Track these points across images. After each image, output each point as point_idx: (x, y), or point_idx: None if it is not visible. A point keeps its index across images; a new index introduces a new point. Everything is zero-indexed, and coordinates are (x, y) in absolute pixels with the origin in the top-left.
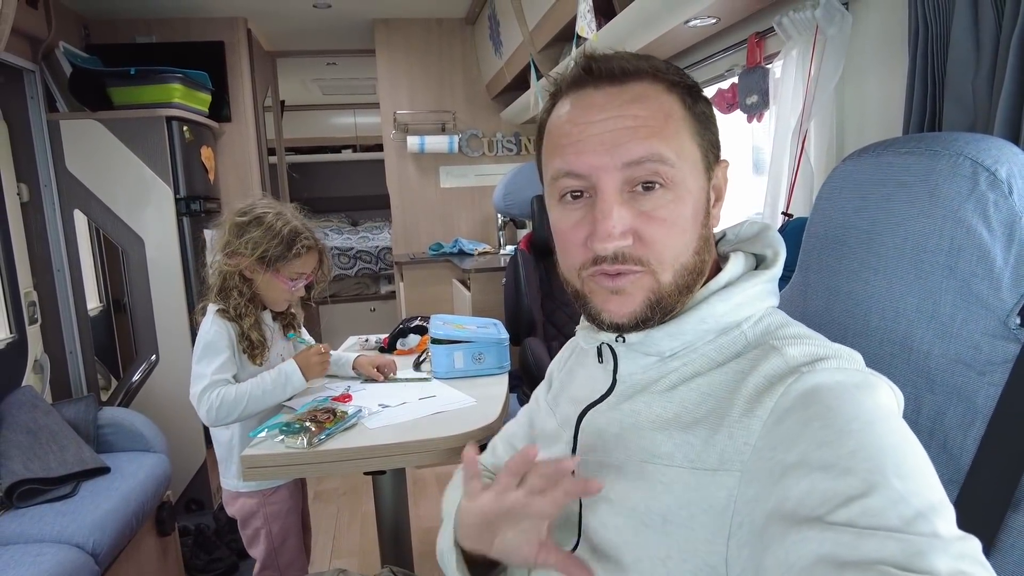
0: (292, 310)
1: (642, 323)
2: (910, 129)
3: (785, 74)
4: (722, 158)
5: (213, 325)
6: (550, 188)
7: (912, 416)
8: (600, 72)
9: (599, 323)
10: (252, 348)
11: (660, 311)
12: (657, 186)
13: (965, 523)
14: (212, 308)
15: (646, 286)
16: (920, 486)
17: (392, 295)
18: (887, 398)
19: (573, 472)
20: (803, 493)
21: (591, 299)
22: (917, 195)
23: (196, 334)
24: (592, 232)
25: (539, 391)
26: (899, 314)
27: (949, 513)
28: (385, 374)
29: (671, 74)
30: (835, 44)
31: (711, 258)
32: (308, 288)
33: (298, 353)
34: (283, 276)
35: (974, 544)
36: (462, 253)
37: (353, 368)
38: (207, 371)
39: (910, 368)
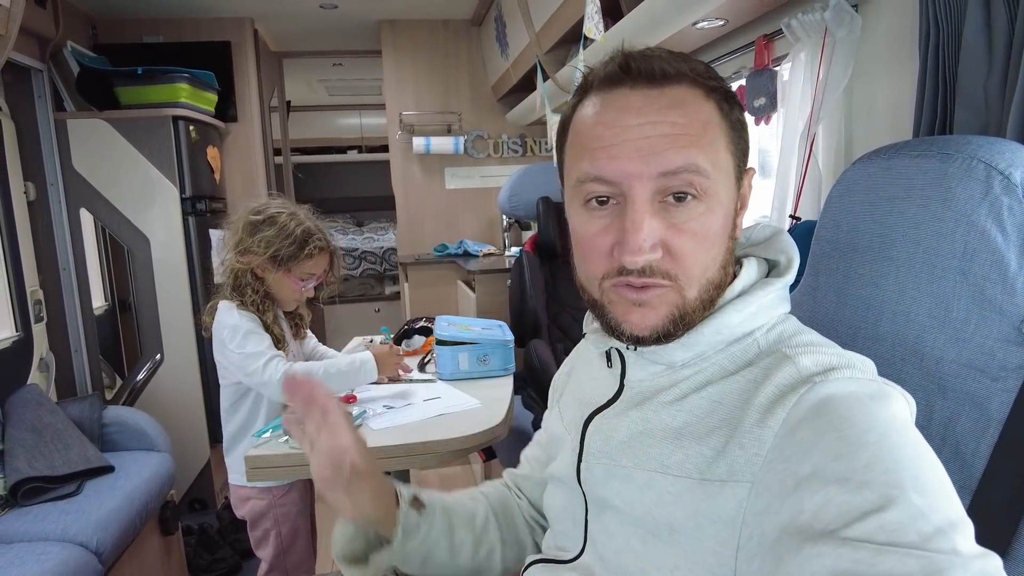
0: (300, 311)
1: (664, 337)
2: (920, 132)
3: (793, 76)
4: (749, 165)
5: (239, 315)
6: (573, 191)
7: (923, 422)
8: (639, 72)
9: (618, 334)
10: (276, 343)
11: (683, 326)
12: (689, 197)
13: (978, 531)
14: (228, 305)
15: (671, 301)
16: (939, 501)
17: (397, 296)
18: (901, 408)
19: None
20: (817, 506)
21: (610, 309)
22: (929, 199)
23: (200, 334)
24: (620, 243)
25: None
26: (910, 318)
27: (968, 529)
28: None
29: (709, 78)
30: (844, 46)
31: (732, 269)
32: (317, 289)
33: (377, 348)
34: (294, 276)
35: (995, 562)
36: (467, 254)
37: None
38: (260, 348)
39: (921, 373)
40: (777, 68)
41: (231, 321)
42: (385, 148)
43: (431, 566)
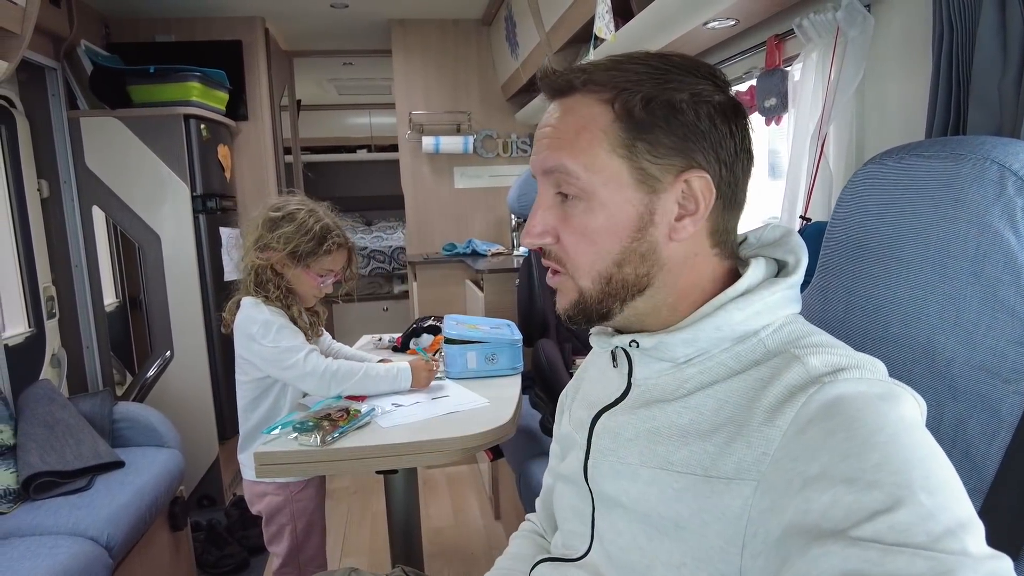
0: (316, 307)
1: (573, 321)
2: (933, 133)
3: (804, 77)
4: (700, 171)
5: (267, 309)
6: None
7: (934, 424)
8: (545, 87)
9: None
10: (303, 335)
11: (585, 314)
12: (570, 196)
13: (990, 534)
14: (253, 301)
15: (570, 288)
16: (949, 501)
17: (405, 295)
18: (911, 409)
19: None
20: (825, 506)
21: None
22: (941, 199)
23: (210, 331)
24: None
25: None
26: (921, 320)
27: (979, 530)
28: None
29: (614, 84)
30: (856, 46)
31: (665, 272)
32: (335, 285)
33: (414, 361)
34: (312, 272)
35: (1006, 563)
36: (475, 254)
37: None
38: (297, 342)
39: (932, 375)
40: (788, 68)
41: (261, 317)
42: (394, 147)
43: None
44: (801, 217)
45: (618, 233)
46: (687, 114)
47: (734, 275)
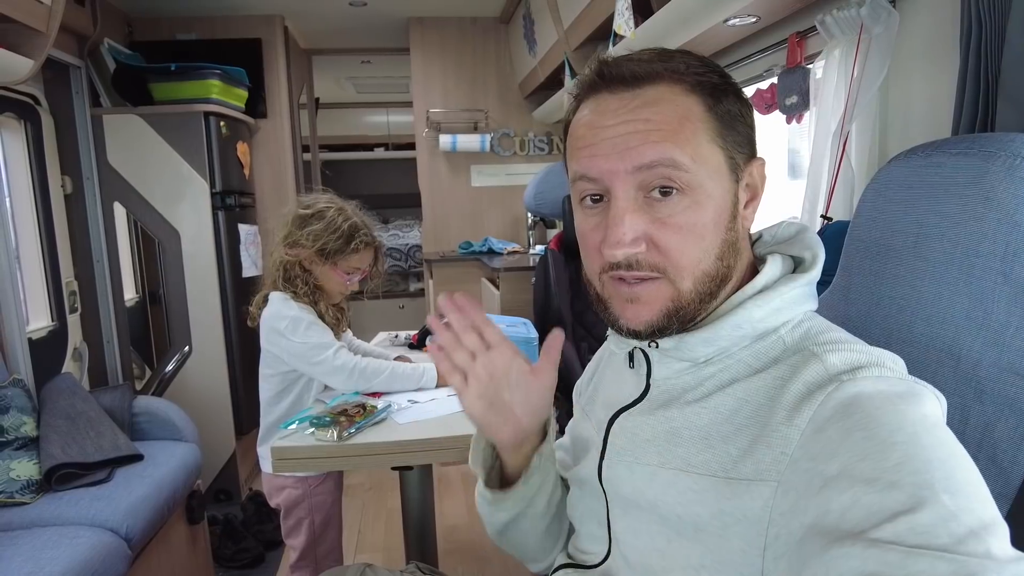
0: (342, 304)
1: (659, 331)
2: (960, 130)
3: (827, 74)
4: (758, 155)
5: (296, 305)
6: (572, 191)
7: (959, 427)
8: (612, 77)
9: (618, 329)
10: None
11: (679, 319)
12: (674, 191)
13: (1017, 539)
14: (282, 296)
15: (664, 294)
16: (971, 502)
17: (421, 292)
18: (932, 408)
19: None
20: (845, 507)
21: (610, 304)
22: (970, 198)
23: (228, 326)
24: (604, 238)
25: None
26: (947, 320)
27: (1003, 531)
28: None
29: (692, 73)
30: (881, 43)
31: (741, 262)
32: (361, 283)
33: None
34: (340, 270)
35: None
36: (491, 252)
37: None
38: (326, 339)
39: (958, 377)
40: (810, 66)
41: (290, 312)
42: (412, 146)
43: (544, 512)
44: (822, 216)
45: (719, 225)
46: (745, 104)
47: (753, 270)
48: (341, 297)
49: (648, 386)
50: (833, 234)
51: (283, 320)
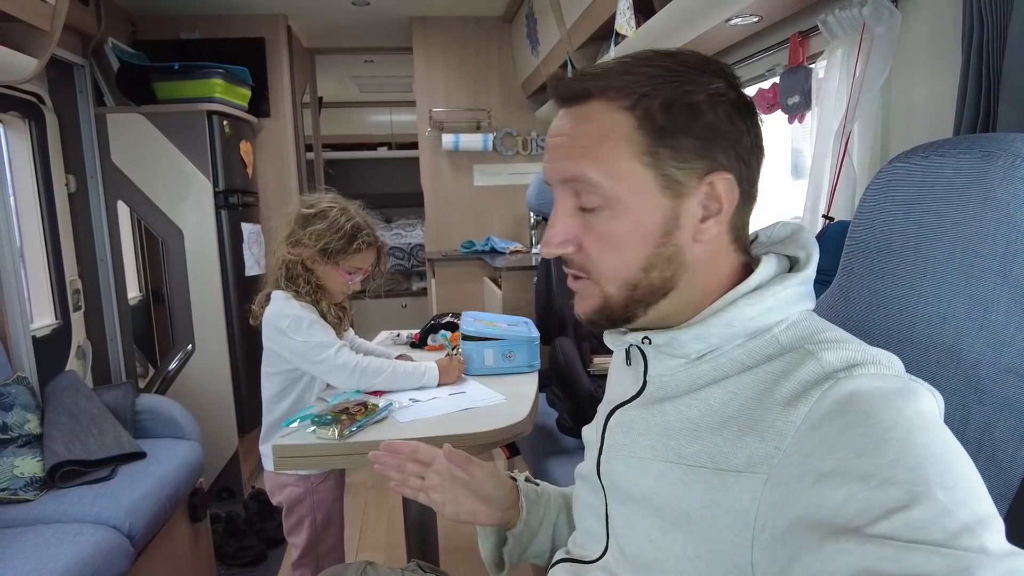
0: (344, 304)
1: (594, 324)
2: (962, 130)
3: (829, 74)
4: (723, 171)
5: (298, 304)
6: None
7: (959, 427)
8: (557, 96)
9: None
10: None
11: (609, 320)
12: (594, 203)
13: (1016, 537)
14: (283, 295)
15: (594, 294)
16: (966, 497)
17: (423, 292)
18: (928, 404)
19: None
20: (839, 502)
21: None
22: (970, 198)
23: (232, 324)
24: None
25: None
26: (947, 321)
27: (998, 526)
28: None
29: (634, 89)
30: (883, 43)
31: (688, 274)
32: (364, 282)
33: (441, 359)
34: (342, 269)
35: None
36: (494, 251)
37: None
38: (328, 338)
39: (958, 377)
40: (812, 66)
41: (292, 311)
42: (415, 145)
43: (554, 541)
44: (824, 216)
45: (644, 239)
46: (707, 115)
47: (747, 272)
48: (343, 296)
49: (645, 383)
50: (835, 234)
51: (285, 319)
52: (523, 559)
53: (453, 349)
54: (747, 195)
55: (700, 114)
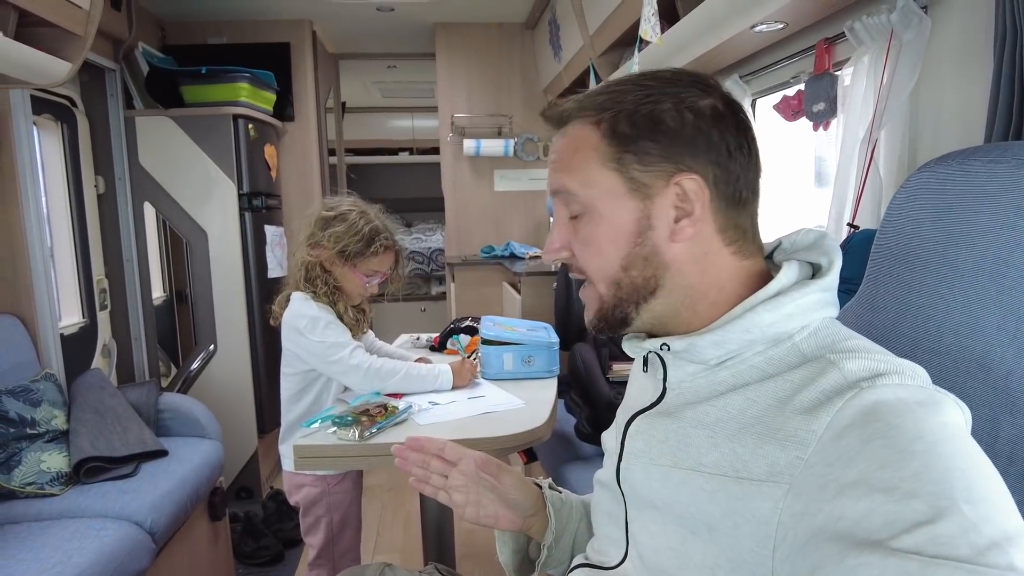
0: (364, 306)
1: (598, 329)
2: (993, 138)
3: (855, 81)
4: (687, 172)
5: (315, 305)
6: None
7: (989, 440)
8: (548, 121)
9: None
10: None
11: (607, 321)
12: (578, 211)
13: None
14: (302, 296)
15: (593, 296)
16: (993, 512)
17: (443, 296)
18: (954, 416)
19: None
20: (861, 514)
21: None
22: (1002, 206)
23: (253, 326)
24: None
25: None
26: (977, 331)
27: None
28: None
29: (600, 106)
30: (911, 49)
31: (668, 273)
32: (382, 285)
33: (454, 362)
34: (359, 272)
35: None
36: (513, 256)
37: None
38: (344, 339)
39: (988, 389)
40: (838, 72)
41: (310, 312)
42: (436, 150)
43: (573, 548)
44: (849, 224)
45: (618, 240)
46: (668, 122)
47: (766, 278)
48: (361, 299)
49: (664, 390)
50: (859, 242)
51: (303, 319)
52: (546, 568)
53: (470, 355)
54: (731, 196)
55: (662, 121)
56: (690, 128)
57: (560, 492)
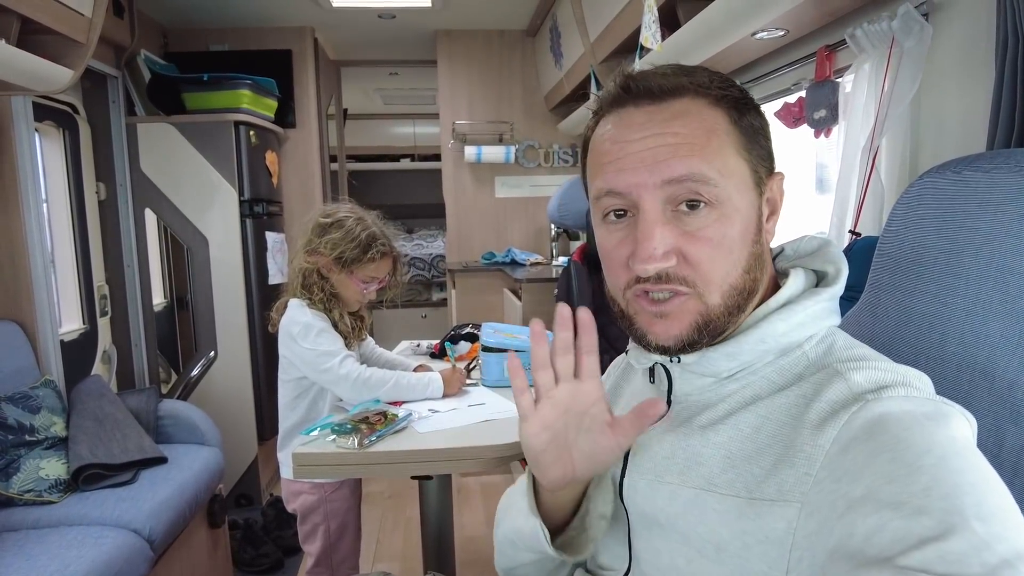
0: (362, 313)
1: (689, 346)
2: (995, 145)
3: (856, 88)
4: (777, 170)
5: (310, 312)
6: (594, 207)
7: (994, 450)
8: (638, 90)
9: (645, 345)
10: (343, 339)
11: (709, 333)
12: (702, 205)
13: None
14: (298, 302)
15: (693, 309)
16: (1005, 529)
17: (443, 302)
18: (962, 429)
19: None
20: (870, 531)
21: (636, 320)
22: (1005, 214)
23: (253, 333)
24: (634, 252)
25: None
26: (980, 339)
27: None
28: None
29: (716, 87)
30: (912, 57)
31: (765, 275)
32: (380, 292)
33: (444, 370)
34: (356, 278)
35: None
36: (514, 263)
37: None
38: (335, 347)
39: (992, 398)
40: (839, 79)
41: (303, 319)
42: (437, 157)
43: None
44: (851, 232)
45: (748, 238)
46: (760, 118)
47: (773, 286)
48: (359, 305)
49: (670, 403)
50: (861, 250)
51: (296, 325)
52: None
53: (470, 362)
54: None
55: (762, 117)
56: (769, 130)
57: None
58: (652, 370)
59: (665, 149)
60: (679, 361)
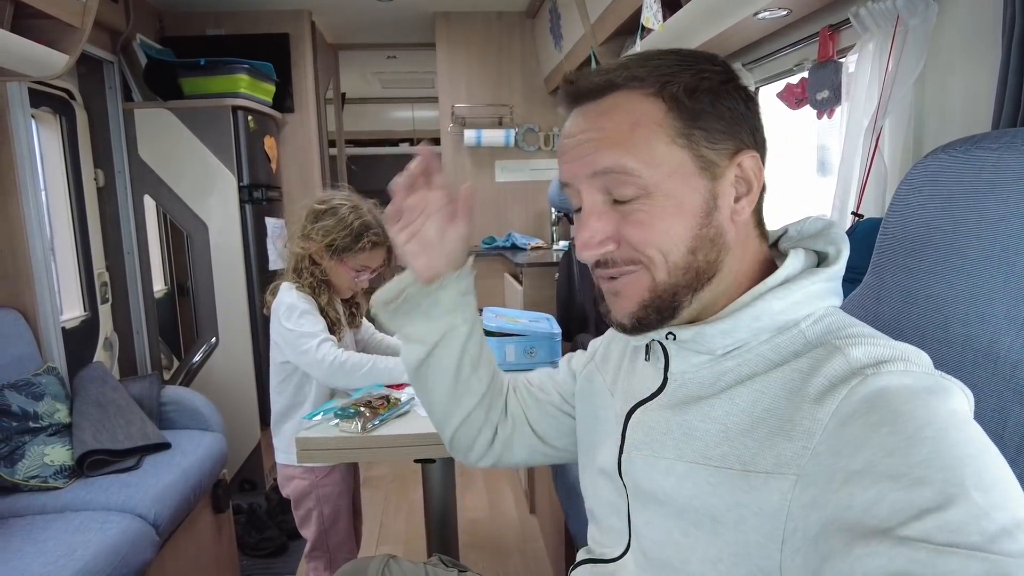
0: (357, 299)
1: (640, 324)
2: (1001, 124)
3: (860, 68)
4: (748, 148)
5: (297, 294)
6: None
7: (997, 430)
8: (578, 92)
9: (610, 323)
10: (330, 326)
11: (657, 311)
12: (630, 193)
13: None
14: (288, 285)
15: (642, 284)
16: (1004, 499)
17: None
18: (960, 403)
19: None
20: (869, 502)
21: (604, 300)
22: (1010, 194)
23: (254, 318)
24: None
25: (576, 361)
26: (985, 320)
27: None
28: None
29: (657, 77)
30: (917, 36)
31: (738, 255)
32: (375, 280)
33: None
34: (348, 266)
35: None
36: (515, 247)
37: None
38: (315, 329)
39: (996, 378)
40: (842, 60)
41: (289, 300)
42: (437, 141)
43: (458, 361)
44: (853, 213)
45: (687, 221)
46: (726, 99)
47: (772, 266)
48: (351, 293)
49: (666, 379)
50: (864, 231)
51: (282, 306)
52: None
53: None
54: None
55: (720, 97)
56: (741, 105)
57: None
58: (649, 347)
59: (591, 144)
60: (675, 338)
